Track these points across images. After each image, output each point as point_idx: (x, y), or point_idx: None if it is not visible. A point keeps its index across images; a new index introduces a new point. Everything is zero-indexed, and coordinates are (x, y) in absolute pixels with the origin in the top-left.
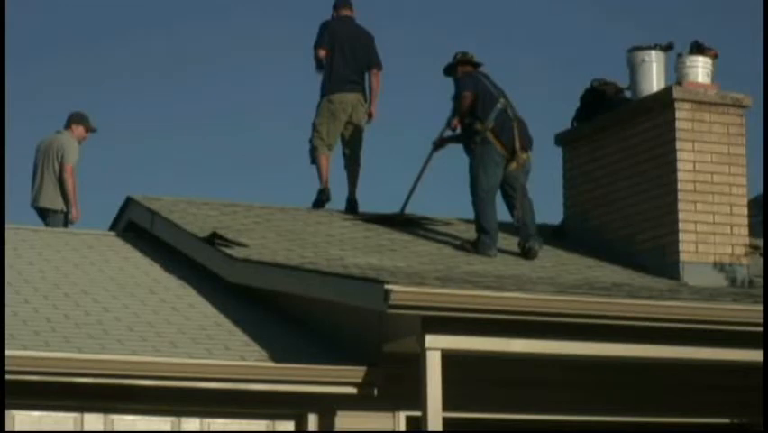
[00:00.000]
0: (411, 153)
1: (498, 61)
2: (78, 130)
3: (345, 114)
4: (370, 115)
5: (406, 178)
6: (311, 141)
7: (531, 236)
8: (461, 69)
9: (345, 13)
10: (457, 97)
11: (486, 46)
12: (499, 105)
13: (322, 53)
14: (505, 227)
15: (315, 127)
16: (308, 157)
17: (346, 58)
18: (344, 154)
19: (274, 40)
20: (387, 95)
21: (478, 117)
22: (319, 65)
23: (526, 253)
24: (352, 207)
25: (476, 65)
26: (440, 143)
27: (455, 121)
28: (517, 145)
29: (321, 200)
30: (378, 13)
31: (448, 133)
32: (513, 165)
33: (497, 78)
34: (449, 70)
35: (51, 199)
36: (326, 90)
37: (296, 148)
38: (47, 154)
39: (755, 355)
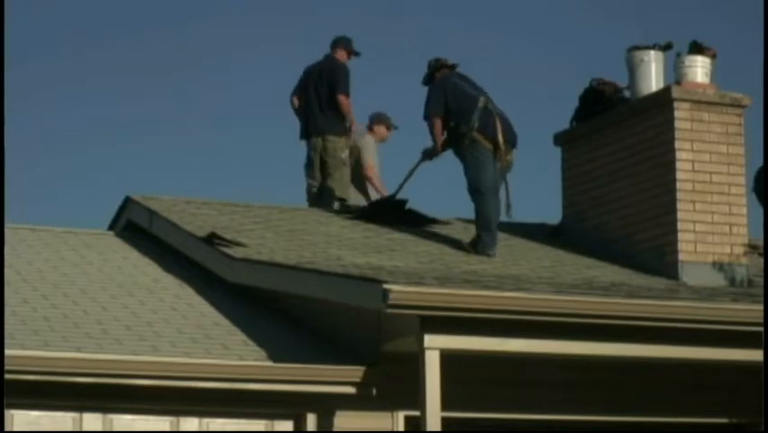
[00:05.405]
0: (411, 153)
1: (499, 61)
2: (380, 130)
3: (325, 155)
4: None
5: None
6: (308, 191)
7: (481, 235)
8: (438, 74)
9: (332, 53)
10: (426, 106)
11: (486, 46)
12: (480, 104)
13: (295, 103)
14: (501, 227)
15: (306, 174)
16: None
17: (313, 98)
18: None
19: (274, 40)
20: (387, 94)
21: (461, 119)
22: (295, 112)
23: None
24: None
25: (452, 67)
26: (431, 154)
27: (439, 144)
28: (500, 139)
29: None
30: (378, 13)
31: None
32: (498, 165)
33: (497, 79)
34: (428, 80)
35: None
36: (304, 134)
37: (295, 148)
38: (351, 153)
39: (755, 355)
